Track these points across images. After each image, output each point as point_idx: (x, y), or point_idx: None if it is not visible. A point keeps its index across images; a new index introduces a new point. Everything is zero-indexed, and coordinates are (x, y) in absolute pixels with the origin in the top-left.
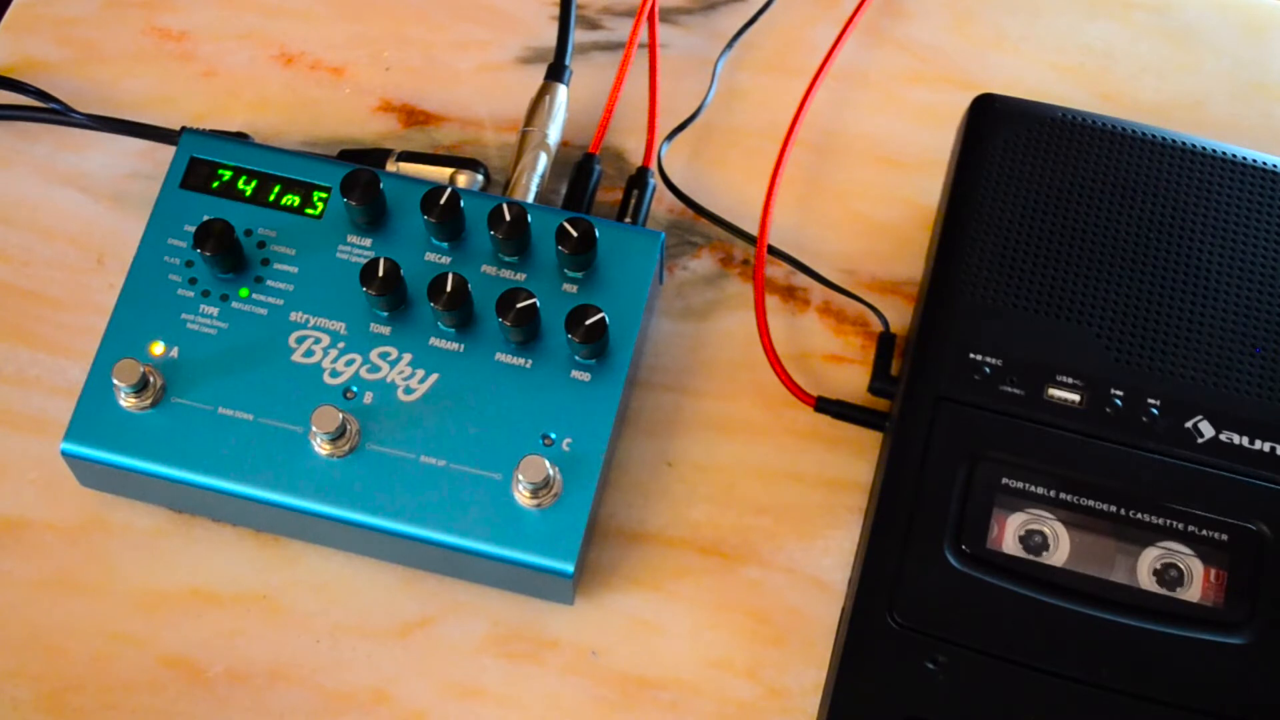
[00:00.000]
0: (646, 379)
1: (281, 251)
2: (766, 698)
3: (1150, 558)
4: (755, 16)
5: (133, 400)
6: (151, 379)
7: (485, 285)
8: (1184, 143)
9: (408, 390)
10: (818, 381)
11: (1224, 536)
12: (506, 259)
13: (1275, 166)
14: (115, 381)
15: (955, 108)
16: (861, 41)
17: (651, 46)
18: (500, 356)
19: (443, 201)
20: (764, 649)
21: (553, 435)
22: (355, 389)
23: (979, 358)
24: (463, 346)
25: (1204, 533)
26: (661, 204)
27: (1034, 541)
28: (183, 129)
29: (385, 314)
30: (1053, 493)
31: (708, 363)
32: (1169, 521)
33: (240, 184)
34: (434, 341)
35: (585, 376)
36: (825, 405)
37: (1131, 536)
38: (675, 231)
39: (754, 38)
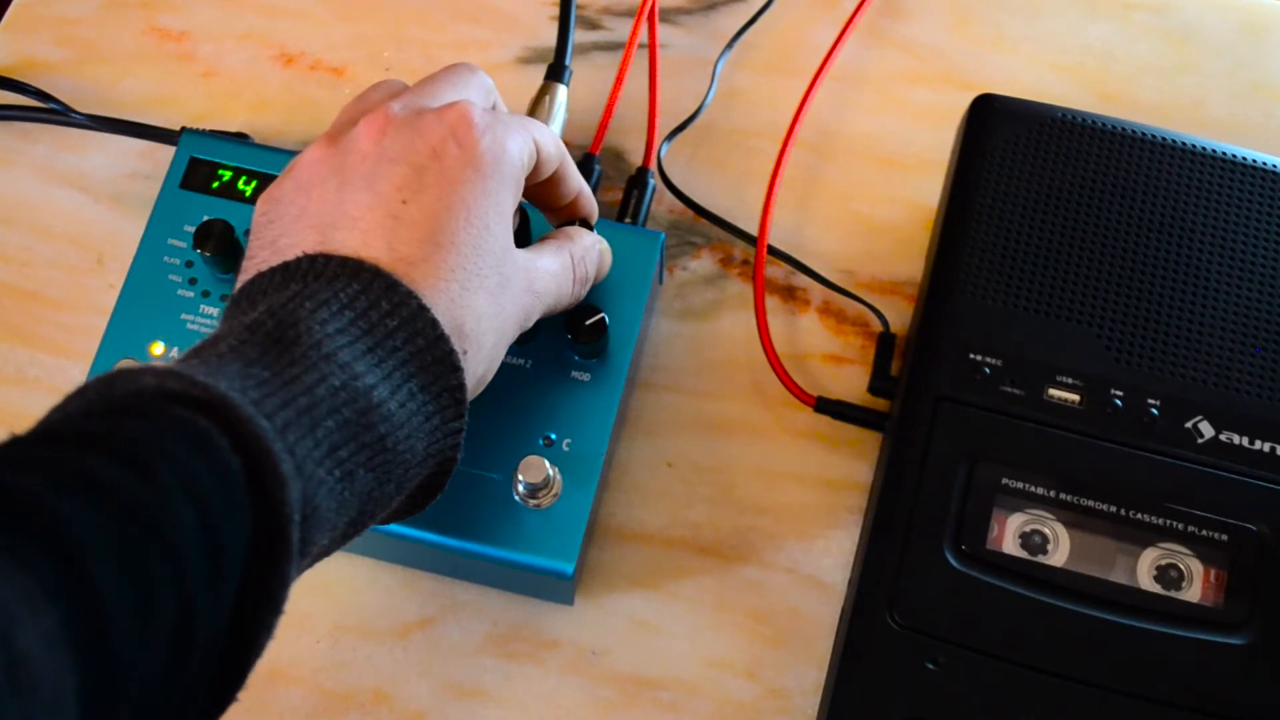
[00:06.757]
0: (646, 379)
1: None
2: (766, 698)
3: (1150, 558)
4: (755, 16)
5: None
6: None
7: None
8: (1184, 143)
9: None
10: (817, 382)
11: (1224, 537)
12: None
13: (1275, 166)
14: None
15: (955, 108)
16: (861, 42)
17: (651, 46)
18: None
19: None
20: (764, 649)
21: (553, 435)
22: None
23: (979, 358)
24: None
25: (1204, 533)
26: (661, 204)
27: (1034, 542)
28: (183, 129)
29: None
30: (1052, 493)
31: (708, 363)
32: (1169, 522)
33: (240, 184)
34: None
35: (585, 377)
36: (825, 405)
37: (1131, 537)
38: (675, 232)
39: (754, 38)
